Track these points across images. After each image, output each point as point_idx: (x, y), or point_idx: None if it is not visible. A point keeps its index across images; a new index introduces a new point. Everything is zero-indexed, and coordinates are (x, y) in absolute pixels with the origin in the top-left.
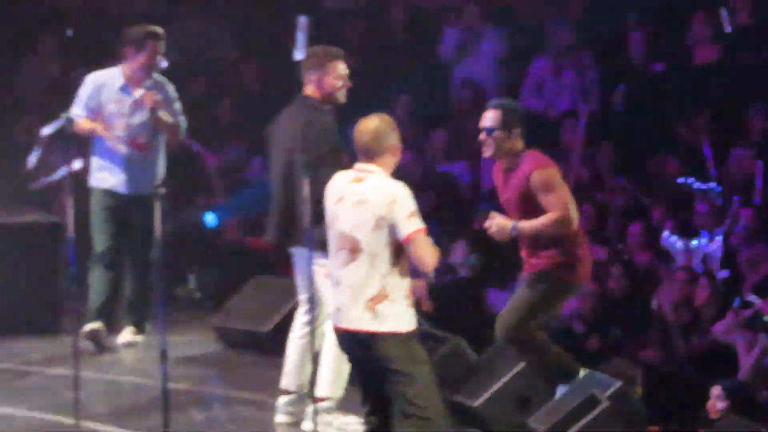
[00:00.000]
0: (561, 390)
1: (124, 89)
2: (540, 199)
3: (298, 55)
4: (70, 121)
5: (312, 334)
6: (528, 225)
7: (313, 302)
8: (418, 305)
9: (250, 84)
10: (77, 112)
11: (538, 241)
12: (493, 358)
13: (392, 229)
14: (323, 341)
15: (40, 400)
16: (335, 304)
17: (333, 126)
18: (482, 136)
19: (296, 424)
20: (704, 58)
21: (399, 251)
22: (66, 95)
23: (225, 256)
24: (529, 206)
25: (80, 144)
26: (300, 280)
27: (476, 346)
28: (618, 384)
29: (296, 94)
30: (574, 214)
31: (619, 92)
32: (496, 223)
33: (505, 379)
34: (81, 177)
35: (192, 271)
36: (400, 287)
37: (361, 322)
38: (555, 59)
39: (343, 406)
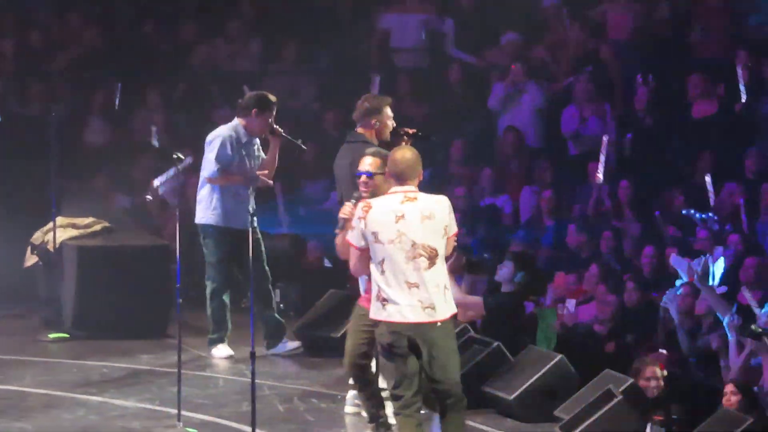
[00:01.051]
0: None
1: (249, 141)
2: None
3: None
4: (217, 173)
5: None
6: None
7: None
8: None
9: (331, 130)
10: (221, 166)
11: None
12: (526, 359)
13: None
14: None
15: (149, 393)
16: (423, 303)
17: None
18: (363, 179)
19: (361, 414)
20: (702, 112)
21: None
22: (173, 140)
23: (305, 273)
24: None
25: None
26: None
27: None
28: (630, 381)
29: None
30: None
31: (627, 140)
32: (349, 211)
33: (536, 377)
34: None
35: (277, 287)
36: (447, 276)
37: (444, 311)
38: (581, 109)
39: None
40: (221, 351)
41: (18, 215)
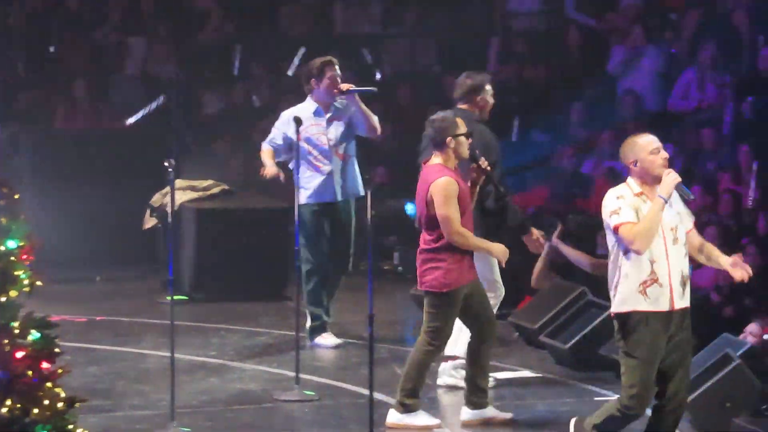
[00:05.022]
0: None
1: (318, 112)
2: None
3: (490, 69)
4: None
5: None
6: None
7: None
8: None
9: (451, 93)
10: (270, 142)
11: None
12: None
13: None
14: None
15: (267, 355)
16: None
17: (493, 137)
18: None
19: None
20: None
21: None
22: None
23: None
24: None
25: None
26: (478, 268)
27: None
28: (748, 345)
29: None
30: None
31: (749, 103)
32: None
33: None
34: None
35: (396, 250)
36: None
37: (614, 303)
38: (700, 73)
39: None
40: (327, 340)
41: (137, 177)
